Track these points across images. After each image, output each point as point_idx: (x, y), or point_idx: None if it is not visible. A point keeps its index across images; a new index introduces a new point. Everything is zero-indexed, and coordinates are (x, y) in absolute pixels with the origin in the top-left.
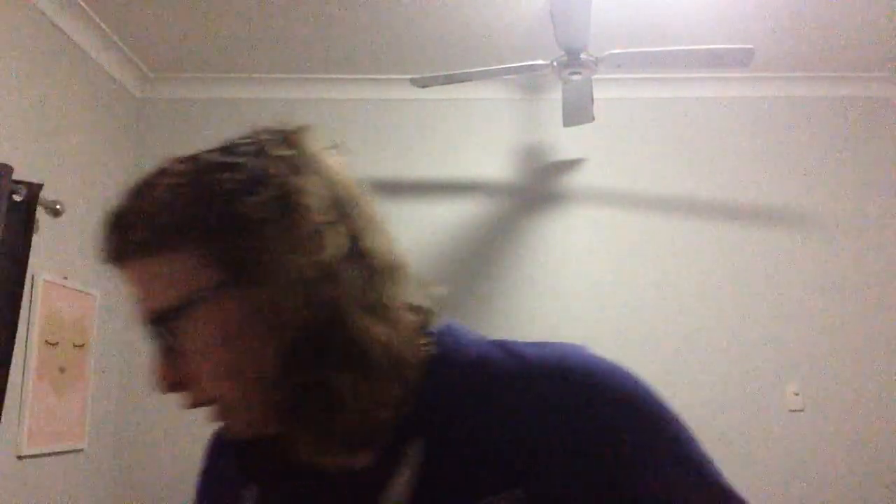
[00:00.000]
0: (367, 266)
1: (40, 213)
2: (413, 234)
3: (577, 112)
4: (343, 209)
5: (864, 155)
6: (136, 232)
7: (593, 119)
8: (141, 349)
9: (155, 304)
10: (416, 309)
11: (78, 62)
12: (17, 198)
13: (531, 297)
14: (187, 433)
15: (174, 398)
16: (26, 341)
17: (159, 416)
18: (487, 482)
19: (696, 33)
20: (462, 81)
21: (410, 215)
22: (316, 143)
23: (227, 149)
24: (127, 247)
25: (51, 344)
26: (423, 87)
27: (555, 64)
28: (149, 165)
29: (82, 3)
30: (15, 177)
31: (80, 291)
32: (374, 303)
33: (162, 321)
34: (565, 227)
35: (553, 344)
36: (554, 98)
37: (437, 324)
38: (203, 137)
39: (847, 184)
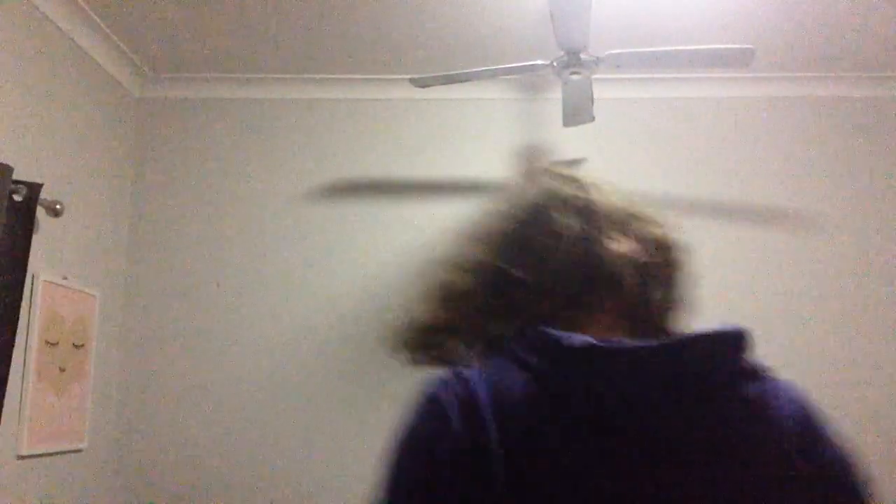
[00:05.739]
0: None
1: (40, 213)
2: (413, 234)
3: (577, 112)
4: None
5: (865, 155)
6: None
7: (593, 119)
8: (141, 349)
9: None
10: None
11: (77, 62)
12: (17, 198)
13: None
14: (187, 433)
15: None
16: (26, 341)
17: (160, 415)
18: None
19: (696, 33)
20: (462, 81)
21: (410, 215)
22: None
23: None
24: None
25: (51, 344)
26: (423, 87)
27: (555, 64)
28: (149, 165)
29: (82, 3)
30: (15, 177)
31: (80, 291)
32: None
33: None
34: None
35: None
36: (554, 98)
37: None
38: (203, 137)
39: (847, 184)
